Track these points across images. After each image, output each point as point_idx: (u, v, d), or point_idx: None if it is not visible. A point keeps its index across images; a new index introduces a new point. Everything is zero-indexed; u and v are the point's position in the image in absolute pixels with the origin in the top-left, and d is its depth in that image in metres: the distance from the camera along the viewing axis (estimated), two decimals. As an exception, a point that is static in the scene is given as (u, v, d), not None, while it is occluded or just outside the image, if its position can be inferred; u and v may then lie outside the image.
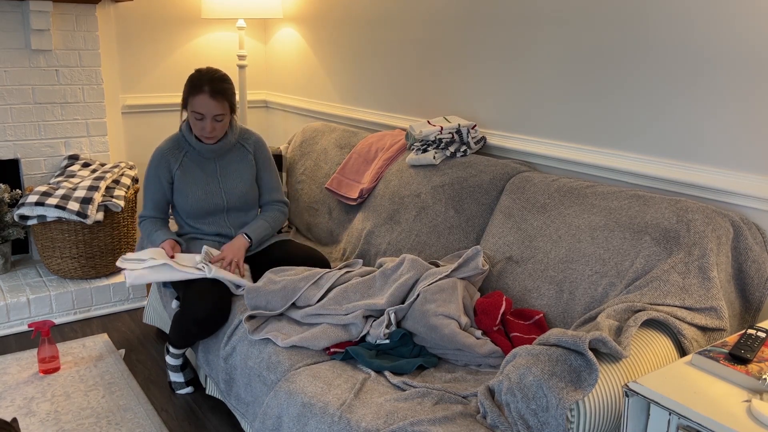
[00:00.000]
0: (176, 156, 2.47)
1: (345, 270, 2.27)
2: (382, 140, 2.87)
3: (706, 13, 1.88)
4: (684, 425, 1.25)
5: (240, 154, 2.55)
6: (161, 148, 2.49)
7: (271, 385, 1.90)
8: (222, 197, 2.50)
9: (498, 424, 1.48)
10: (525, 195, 2.21)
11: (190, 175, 2.47)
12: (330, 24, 3.49)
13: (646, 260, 1.80)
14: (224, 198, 2.50)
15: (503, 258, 2.14)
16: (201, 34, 3.92)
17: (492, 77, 2.59)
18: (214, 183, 2.49)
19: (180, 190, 2.47)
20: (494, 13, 2.54)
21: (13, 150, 3.38)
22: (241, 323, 2.15)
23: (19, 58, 3.31)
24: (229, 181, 2.50)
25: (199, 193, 2.47)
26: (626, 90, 2.13)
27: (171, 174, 2.48)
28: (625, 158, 2.15)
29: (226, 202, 2.51)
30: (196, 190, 2.46)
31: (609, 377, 1.46)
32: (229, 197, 2.51)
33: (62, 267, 3.23)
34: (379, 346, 1.95)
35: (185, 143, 2.49)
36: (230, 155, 2.53)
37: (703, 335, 1.66)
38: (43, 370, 2.67)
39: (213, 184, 2.49)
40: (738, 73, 1.84)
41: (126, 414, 2.40)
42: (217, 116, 2.36)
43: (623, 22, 2.10)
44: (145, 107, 3.83)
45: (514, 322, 1.95)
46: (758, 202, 1.83)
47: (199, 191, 2.47)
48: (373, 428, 1.55)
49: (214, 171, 2.49)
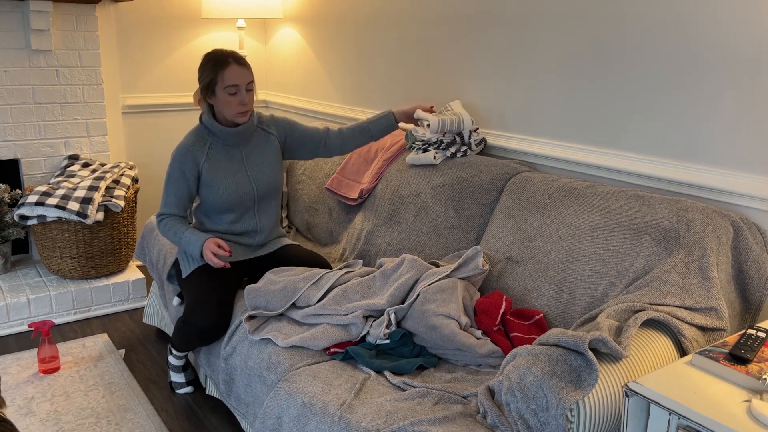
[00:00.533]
0: (201, 149, 2.36)
1: (345, 270, 2.27)
2: (382, 140, 2.87)
3: (706, 13, 1.88)
4: (684, 425, 1.25)
5: (263, 138, 2.46)
6: (184, 143, 2.36)
7: (271, 385, 1.90)
8: (251, 185, 2.40)
9: (498, 424, 1.48)
10: (525, 195, 2.21)
11: (218, 167, 2.36)
12: (330, 24, 3.49)
13: (646, 260, 1.80)
14: (253, 186, 2.40)
15: (503, 258, 2.14)
16: (201, 34, 3.92)
17: (492, 77, 2.59)
18: (242, 171, 2.39)
19: (209, 183, 2.36)
20: (494, 13, 2.54)
21: (13, 150, 3.39)
22: (242, 324, 2.15)
23: (19, 58, 3.31)
24: (255, 167, 2.42)
25: (229, 183, 2.37)
26: (626, 90, 2.13)
27: (198, 168, 2.35)
28: (625, 158, 2.15)
29: (256, 190, 2.41)
30: (226, 181, 2.36)
31: (609, 377, 1.46)
32: (259, 184, 2.41)
33: (62, 267, 3.23)
34: (379, 346, 1.95)
35: (208, 134, 2.38)
36: (254, 141, 2.45)
37: (703, 335, 1.66)
38: (43, 370, 2.67)
39: (241, 173, 2.39)
40: (738, 73, 1.84)
41: (126, 414, 2.40)
42: (249, 84, 2.31)
43: (623, 22, 2.10)
44: (145, 107, 3.83)
45: (514, 322, 1.95)
46: (758, 202, 1.83)
47: (229, 182, 2.37)
48: (373, 428, 1.55)
49: (240, 159, 2.40)
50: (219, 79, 2.27)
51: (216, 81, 2.28)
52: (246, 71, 2.31)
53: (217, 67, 2.28)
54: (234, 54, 2.31)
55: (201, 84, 2.33)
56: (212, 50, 2.35)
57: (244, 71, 2.30)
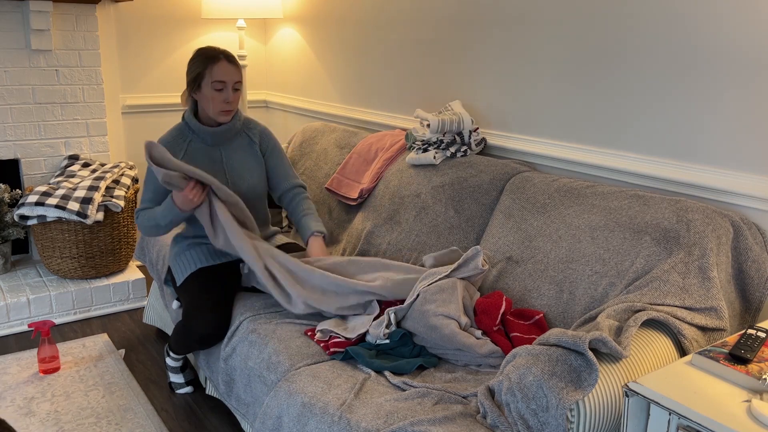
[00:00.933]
0: (180, 145, 2.34)
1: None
2: (382, 140, 2.87)
3: (706, 12, 1.88)
4: (684, 425, 1.25)
5: (245, 143, 2.43)
6: (162, 139, 2.35)
7: (271, 386, 1.90)
8: (230, 187, 2.35)
9: (498, 424, 1.48)
10: (525, 195, 2.21)
11: (196, 165, 2.33)
12: (330, 24, 3.49)
13: (646, 260, 1.80)
14: (232, 189, 2.35)
15: (503, 258, 2.14)
16: (201, 34, 3.92)
17: (492, 77, 2.59)
18: (221, 173, 2.36)
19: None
20: (494, 13, 2.54)
21: (13, 150, 3.38)
22: (241, 324, 2.15)
23: (19, 58, 3.31)
24: (235, 171, 2.39)
25: None
26: (626, 90, 2.13)
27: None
28: (625, 158, 2.15)
29: (235, 192, 2.36)
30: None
31: (609, 377, 1.46)
32: (237, 188, 2.37)
33: (62, 267, 3.23)
34: (379, 346, 1.95)
35: (188, 131, 2.36)
36: (235, 142, 2.42)
37: (703, 335, 1.66)
38: (43, 370, 2.67)
39: (219, 174, 2.35)
40: (738, 72, 1.84)
41: (126, 414, 2.40)
42: (236, 84, 2.29)
43: (623, 21, 2.10)
44: (145, 107, 3.83)
45: (514, 322, 1.95)
46: (758, 202, 1.83)
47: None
48: (373, 428, 1.55)
49: (219, 159, 2.37)
50: (207, 73, 2.26)
51: (203, 75, 2.26)
52: (235, 70, 2.30)
53: (207, 61, 2.26)
54: (225, 52, 2.30)
55: (188, 77, 2.31)
56: (204, 46, 2.34)
57: (233, 69, 2.29)
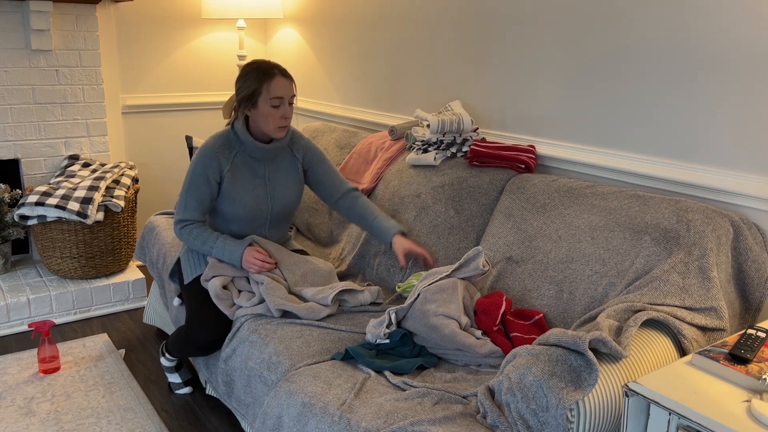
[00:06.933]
0: (227, 156, 2.26)
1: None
2: (382, 140, 2.87)
3: (706, 13, 1.88)
4: (684, 425, 1.25)
5: (289, 160, 2.38)
6: (211, 145, 2.26)
7: (271, 386, 1.90)
8: (268, 204, 2.32)
9: (498, 424, 1.48)
10: (525, 195, 2.21)
11: (240, 178, 2.27)
12: (330, 24, 3.49)
13: (646, 260, 1.80)
14: (270, 205, 2.33)
15: (503, 258, 2.14)
16: (201, 34, 3.92)
17: (492, 77, 2.59)
18: (262, 188, 2.31)
19: (228, 193, 2.26)
20: (494, 14, 2.54)
21: (13, 150, 3.39)
22: (241, 326, 2.15)
23: (19, 58, 3.31)
24: (276, 188, 2.34)
25: (248, 198, 2.28)
26: (626, 90, 2.13)
27: (221, 174, 2.25)
28: (625, 158, 2.15)
29: (272, 209, 2.34)
30: (244, 195, 2.27)
31: (609, 377, 1.46)
32: (275, 204, 2.34)
33: (62, 267, 3.23)
34: (379, 346, 1.95)
35: (237, 142, 2.28)
36: (280, 159, 2.35)
37: (703, 335, 1.66)
38: (43, 370, 2.67)
39: (260, 189, 2.30)
40: (738, 73, 1.84)
41: (126, 414, 2.40)
42: (292, 98, 2.24)
43: (624, 22, 2.10)
44: (145, 107, 3.83)
45: (514, 322, 1.95)
46: (758, 202, 1.83)
47: (247, 196, 2.28)
48: (373, 428, 1.55)
49: (263, 175, 2.31)
50: (264, 90, 2.18)
51: (260, 92, 2.18)
52: (290, 84, 2.24)
53: (263, 77, 2.18)
54: (279, 66, 2.23)
55: (241, 94, 2.21)
56: (254, 60, 2.26)
57: (289, 84, 2.23)
